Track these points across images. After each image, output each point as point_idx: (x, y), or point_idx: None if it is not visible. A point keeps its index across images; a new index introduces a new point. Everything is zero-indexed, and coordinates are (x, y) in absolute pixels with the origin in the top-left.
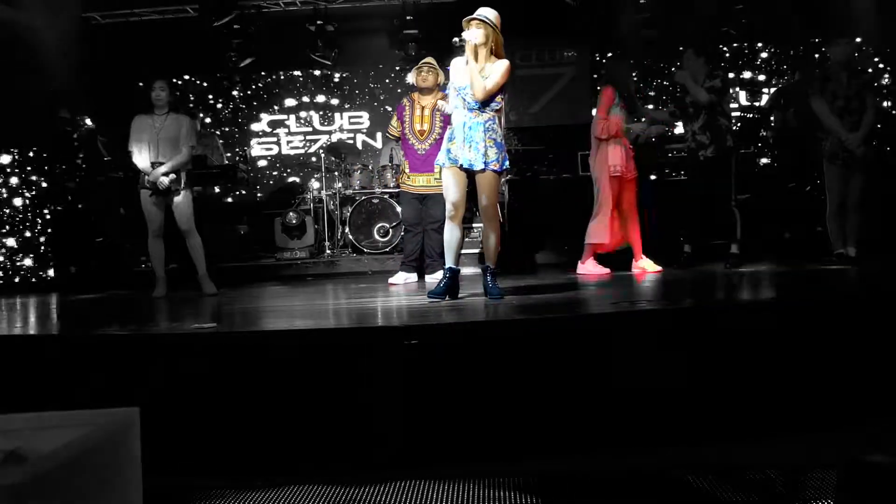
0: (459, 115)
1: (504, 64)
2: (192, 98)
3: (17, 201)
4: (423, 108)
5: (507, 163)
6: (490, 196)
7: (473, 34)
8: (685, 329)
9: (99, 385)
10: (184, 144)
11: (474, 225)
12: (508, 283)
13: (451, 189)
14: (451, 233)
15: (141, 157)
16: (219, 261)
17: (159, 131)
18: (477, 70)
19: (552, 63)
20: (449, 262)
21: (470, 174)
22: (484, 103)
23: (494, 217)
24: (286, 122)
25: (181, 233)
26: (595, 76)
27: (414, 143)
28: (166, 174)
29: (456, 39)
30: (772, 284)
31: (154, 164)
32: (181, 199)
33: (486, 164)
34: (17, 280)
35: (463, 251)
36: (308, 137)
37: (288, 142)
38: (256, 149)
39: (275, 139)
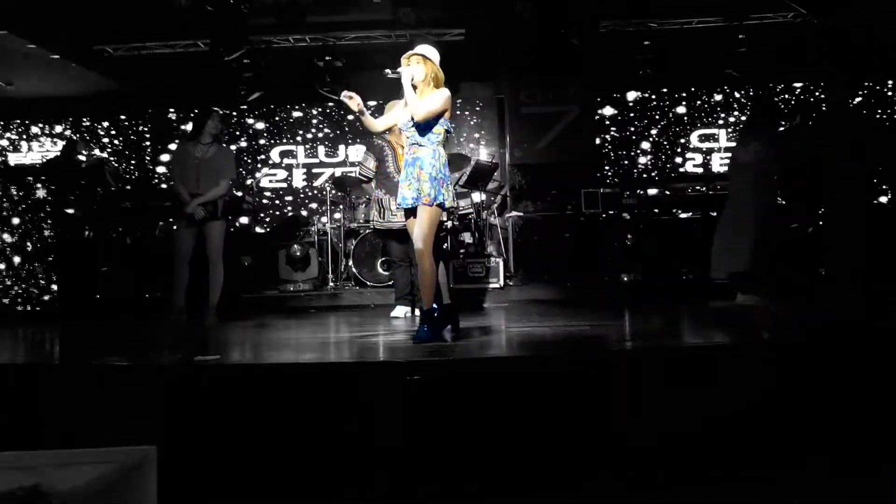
0: (405, 154)
1: (443, 91)
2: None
3: (24, 228)
4: (402, 147)
5: (445, 197)
6: (421, 229)
7: (414, 70)
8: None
9: (99, 416)
10: (223, 177)
11: (468, 261)
12: (513, 319)
13: (411, 231)
14: (420, 275)
15: (182, 187)
16: (223, 292)
17: (201, 161)
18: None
19: (557, 101)
20: (424, 305)
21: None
22: (422, 130)
23: (424, 254)
24: (293, 155)
25: (208, 261)
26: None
27: (399, 180)
28: (203, 205)
29: (388, 70)
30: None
31: (192, 195)
32: (216, 228)
33: (416, 199)
34: (18, 308)
35: (465, 286)
36: (314, 170)
37: (294, 174)
38: (262, 181)
39: (281, 172)
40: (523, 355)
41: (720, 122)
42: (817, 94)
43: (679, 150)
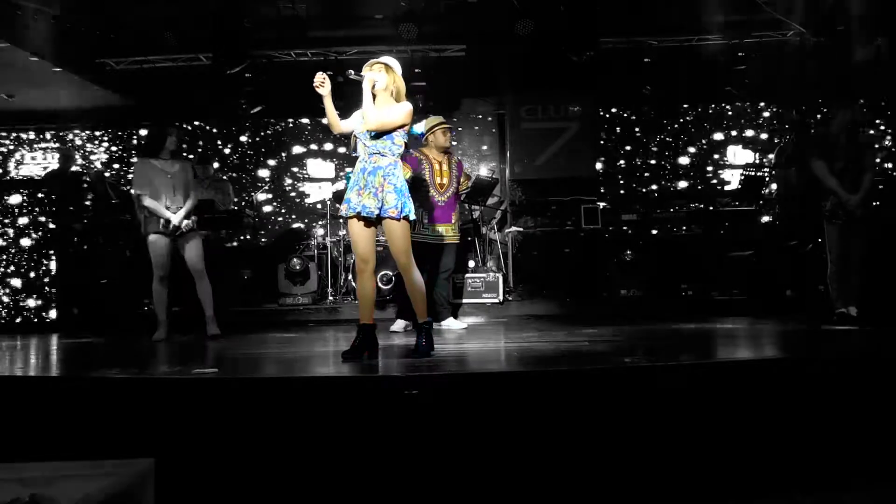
0: (360, 162)
1: (405, 104)
2: (201, 143)
3: (25, 241)
4: (439, 163)
5: (409, 210)
6: (398, 245)
7: (377, 76)
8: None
9: (96, 428)
10: (192, 189)
11: (468, 276)
12: (512, 334)
13: (358, 242)
14: (362, 287)
15: (154, 202)
16: (222, 305)
17: (172, 176)
18: (371, 103)
19: (557, 117)
20: (362, 319)
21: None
22: (382, 140)
23: (409, 268)
24: (293, 169)
25: (192, 275)
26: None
27: (434, 195)
28: (186, 217)
29: (351, 71)
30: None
31: (168, 209)
32: (193, 242)
33: (382, 210)
34: (18, 321)
35: (463, 301)
36: (315, 185)
37: (294, 188)
38: (263, 195)
39: (281, 185)
40: (522, 370)
41: (719, 139)
42: (817, 112)
43: (679, 166)
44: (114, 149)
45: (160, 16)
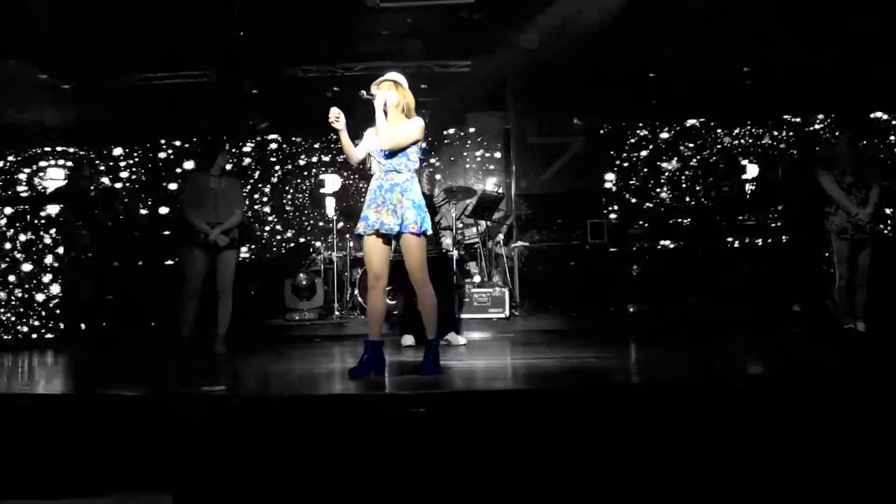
0: (376, 179)
1: (417, 120)
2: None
3: (34, 257)
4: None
5: (427, 225)
6: (414, 260)
7: (387, 94)
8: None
9: (106, 445)
10: (237, 206)
11: (474, 291)
12: (519, 350)
13: (373, 258)
14: (372, 303)
15: (198, 216)
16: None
17: (217, 191)
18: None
19: (563, 132)
20: (370, 335)
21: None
22: (397, 157)
23: (423, 283)
24: (300, 184)
25: (216, 291)
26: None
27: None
28: (224, 233)
29: (363, 92)
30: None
31: (210, 224)
32: (231, 257)
33: (402, 227)
34: (20, 336)
35: (470, 316)
36: (321, 199)
37: (301, 203)
38: (269, 210)
39: (288, 200)
40: (529, 388)
41: (724, 152)
42: (824, 130)
43: (685, 180)
44: (122, 165)
45: (168, 32)
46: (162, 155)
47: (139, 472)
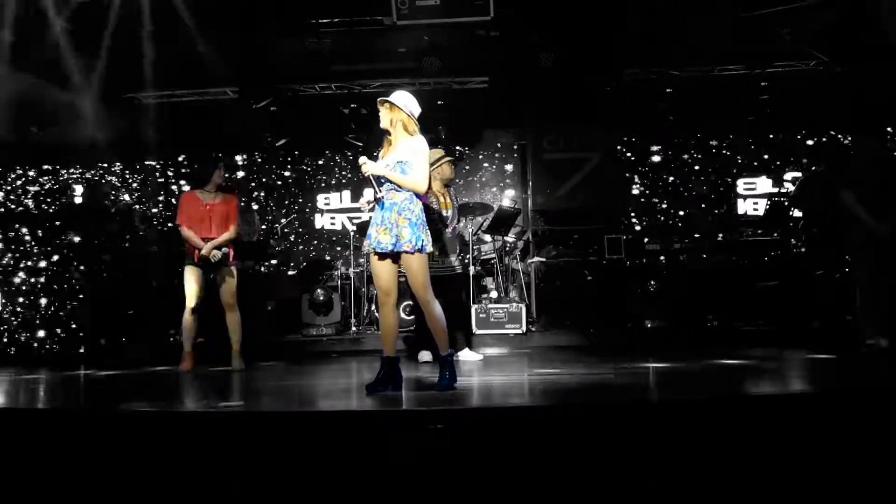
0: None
1: (417, 145)
2: (226, 175)
3: (52, 273)
4: (442, 195)
5: (426, 242)
6: (415, 279)
7: (363, 158)
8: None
9: (123, 461)
10: (232, 223)
11: (490, 307)
12: (536, 367)
13: (380, 275)
14: (384, 319)
15: (191, 232)
16: (246, 336)
17: (211, 208)
18: (387, 154)
19: (579, 147)
20: (385, 351)
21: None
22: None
23: (427, 301)
24: (317, 200)
25: (223, 307)
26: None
27: (441, 228)
28: (218, 248)
29: (364, 204)
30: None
31: (204, 240)
32: (228, 272)
33: (395, 245)
34: (41, 352)
35: (487, 331)
36: (338, 215)
37: (318, 219)
38: (286, 225)
39: (306, 216)
40: (546, 404)
41: (739, 168)
42: (843, 141)
43: (702, 196)
44: (141, 181)
45: (188, 51)
46: (181, 171)
47: (155, 488)
